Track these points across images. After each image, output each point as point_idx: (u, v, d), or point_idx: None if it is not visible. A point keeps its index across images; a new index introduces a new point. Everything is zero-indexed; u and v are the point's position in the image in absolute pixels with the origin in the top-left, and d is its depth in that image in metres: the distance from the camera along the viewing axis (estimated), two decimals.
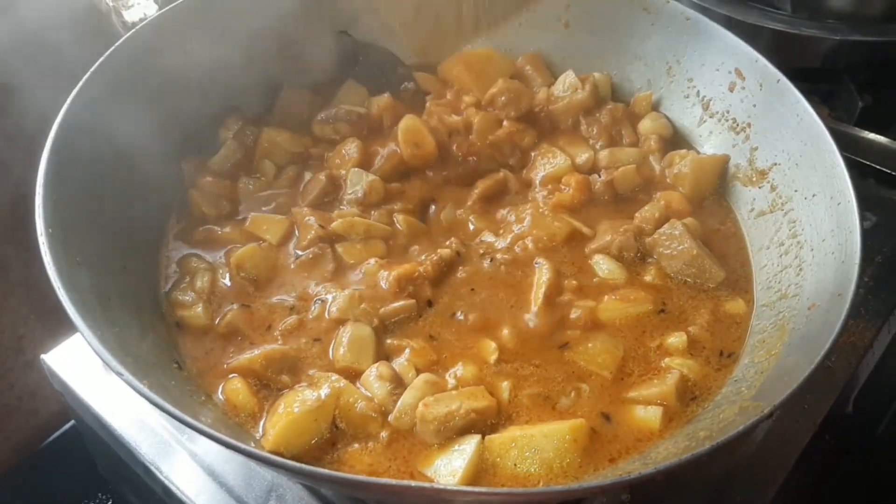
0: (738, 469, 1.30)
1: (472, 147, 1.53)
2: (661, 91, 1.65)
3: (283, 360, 1.21)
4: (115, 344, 1.04)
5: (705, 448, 0.95)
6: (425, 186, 1.50)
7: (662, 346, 1.27)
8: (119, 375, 0.97)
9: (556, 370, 1.23)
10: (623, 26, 1.65)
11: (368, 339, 1.24)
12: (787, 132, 1.41)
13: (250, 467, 1.27)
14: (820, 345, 1.05)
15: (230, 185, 1.47)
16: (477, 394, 1.16)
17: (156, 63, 1.42)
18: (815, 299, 1.20)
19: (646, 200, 1.48)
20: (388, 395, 1.16)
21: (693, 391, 1.22)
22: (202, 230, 1.40)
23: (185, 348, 1.25)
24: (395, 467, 1.11)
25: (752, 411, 1.03)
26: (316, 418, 1.12)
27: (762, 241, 1.42)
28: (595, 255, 1.38)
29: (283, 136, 1.54)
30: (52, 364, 1.42)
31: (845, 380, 1.41)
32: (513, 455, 1.09)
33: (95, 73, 1.32)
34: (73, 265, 1.11)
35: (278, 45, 1.61)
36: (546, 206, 1.45)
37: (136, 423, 1.33)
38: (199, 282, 1.31)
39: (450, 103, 1.61)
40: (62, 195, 1.17)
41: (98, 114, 1.30)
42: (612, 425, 1.17)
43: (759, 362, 1.20)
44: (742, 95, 1.51)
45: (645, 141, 1.59)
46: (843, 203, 1.24)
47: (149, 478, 1.31)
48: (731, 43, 1.51)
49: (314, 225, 1.37)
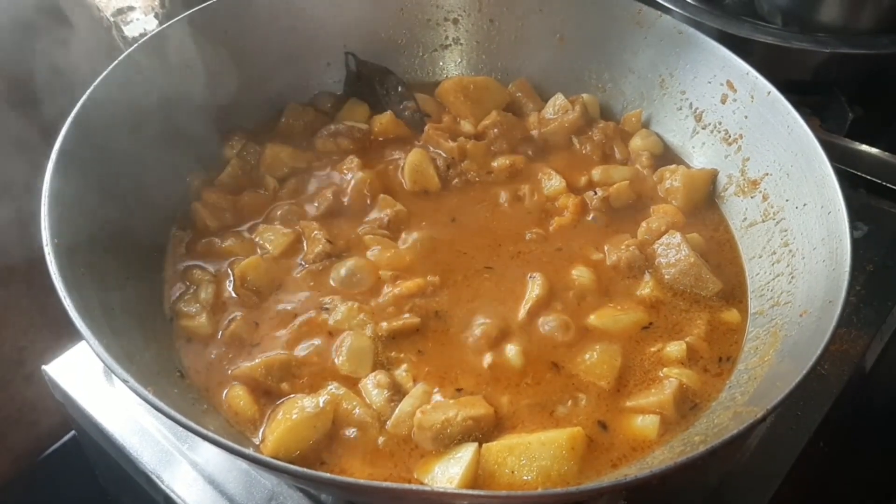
0: (733, 476, 1.31)
1: (467, 175, 1.57)
2: (655, 103, 1.67)
3: (284, 369, 1.22)
4: (120, 353, 1.05)
5: (699, 451, 0.97)
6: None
7: (660, 355, 1.28)
8: (125, 382, 0.98)
9: (554, 380, 1.24)
10: (616, 40, 1.68)
11: (367, 349, 1.25)
12: (778, 143, 1.43)
13: (251, 475, 1.28)
14: (812, 351, 1.07)
15: (234, 198, 1.49)
16: (474, 402, 1.18)
17: (158, 78, 1.44)
18: (806, 306, 1.22)
19: (641, 215, 1.50)
20: (387, 402, 1.18)
21: (693, 399, 1.23)
22: (205, 242, 1.42)
23: (188, 357, 1.26)
24: (394, 474, 1.12)
25: (746, 416, 1.05)
26: (315, 425, 1.14)
27: (755, 250, 1.44)
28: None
29: (285, 151, 1.57)
30: (54, 375, 1.43)
31: (839, 387, 1.43)
32: (510, 462, 1.10)
33: (98, 88, 1.33)
34: (78, 276, 1.12)
35: (283, 62, 1.64)
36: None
37: (137, 433, 1.34)
38: (204, 293, 1.33)
39: (448, 127, 1.65)
40: (67, 207, 1.19)
41: (101, 127, 1.32)
42: (608, 434, 1.18)
43: (753, 368, 1.22)
44: (734, 107, 1.53)
45: (637, 158, 1.62)
46: (833, 212, 1.26)
47: (150, 487, 1.31)
48: (722, 56, 1.54)
49: (322, 239, 1.39)
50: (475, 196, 1.54)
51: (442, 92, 1.72)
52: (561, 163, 1.61)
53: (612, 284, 1.39)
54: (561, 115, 1.67)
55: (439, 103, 1.72)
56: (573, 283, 1.38)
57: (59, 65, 1.54)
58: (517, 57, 1.76)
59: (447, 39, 1.78)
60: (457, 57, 1.79)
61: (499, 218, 1.50)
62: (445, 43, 1.78)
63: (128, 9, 2.06)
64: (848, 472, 1.56)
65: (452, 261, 1.41)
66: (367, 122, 1.65)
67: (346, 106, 1.69)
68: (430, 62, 1.79)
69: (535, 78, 1.76)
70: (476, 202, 1.53)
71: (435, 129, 1.63)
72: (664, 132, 1.67)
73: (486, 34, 1.76)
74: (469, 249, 1.43)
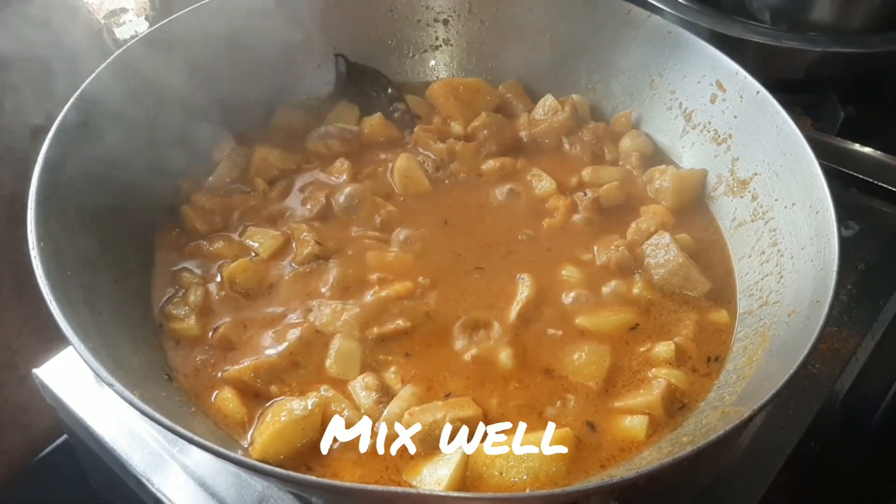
0: (724, 476, 1.31)
1: (457, 176, 1.57)
2: (644, 103, 1.68)
3: (272, 371, 1.22)
4: (107, 356, 1.05)
5: (686, 452, 0.97)
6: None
7: (649, 356, 1.28)
8: (110, 386, 0.98)
9: (543, 381, 1.24)
10: (606, 41, 1.68)
11: (356, 351, 1.25)
12: (767, 143, 1.43)
13: (241, 478, 1.28)
14: (800, 350, 1.07)
15: (223, 201, 1.49)
16: (463, 404, 1.18)
17: (147, 80, 1.44)
18: (794, 306, 1.22)
19: (630, 216, 1.50)
20: (375, 404, 1.18)
21: (682, 400, 1.23)
22: (193, 245, 1.42)
23: (176, 360, 1.26)
24: (384, 476, 1.12)
25: (733, 416, 1.05)
26: (303, 427, 1.13)
27: (744, 249, 1.44)
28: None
29: (274, 154, 1.57)
30: (45, 378, 1.43)
31: (829, 387, 1.43)
32: (498, 464, 1.10)
33: (87, 90, 1.33)
34: (65, 279, 1.12)
35: (273, 64, 1.64)
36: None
37: (127, 436, 1.34)
38: (193, 295, 1.33)
39: (437, 129, 1.65)
40: (53, 210, 1.19)
41: (90, 130, 1.32)
42: (597, 434, 1.19)
43: (741, 368, 1.22)
44: (723, 107, 1.53)
45: (626, 158, 1.62)
46: (821, 212, 1.27)
47: (141, 490, 1.31)
48: (711, 56, 1.54)
49: (311, 241, 1.39)
50: (465, 198, 1.54)
51: (432, 93, 1.72)
52: (551, 164, 1.61)
53: (601, 285, 1.39)
54: (551, 115, 1.67)
55: (429, 105, 1.72)
56: (563, 284, 1.38)
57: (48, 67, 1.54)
58: (507, 58, 1.76)
59: (437, 40, 1.78)
60: (447, 58, 1.80)
61: (489, 219, 1.50)
62: (435, 44, 1.78)
63: (120, 10, 2.06)
64: (840, 472, 1.56)
65: (443, 262, 1.41)
66: (358, 124, 1.65)
67: (337, 108, 1.69)
68: (420, 63, 1.79)
69: (525, 79, 1.76)
70: (466, 204, 1.53)
71: (425, 130, 1.63)
72: (654, 132, 1.67)
73: (476, 35, 1.77)
74: (460, 251, 1.43)
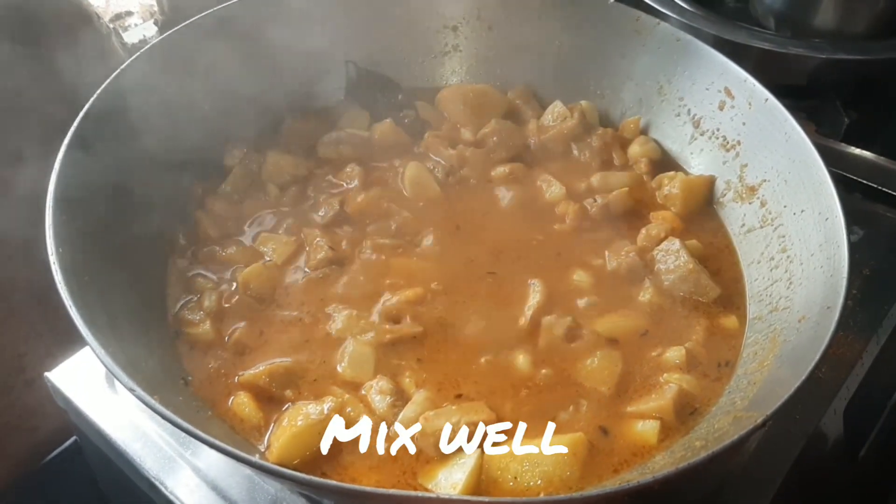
0: (731, 479, 1.32)
1: (467, 182, 1.58)
2: (653, 110, 1.69)
3: (287, 376, 1.23)
4: (125, 361, 1.05)
5: (701, 457, 0.98)
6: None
7: (660, 361, 1.29)
8: (131, 391, 0.99)
9: (556, 386, 1.25)
10: (615, 48, 1.69)
11: (369, 356, 1.26)
12: (775, 149, 1.44)
13: (254, 481, 1.28)
14: (810, 356, 1.08)
15: (236, 207, 1.50)
16: (477, 408, 1.19)
17: (160, 87, 1.45)
18: (804, 312, 1.23)
19: (640, 221, 1.51)
20: (390, 408, 1.19)
21: (693, 404, 1.24)
22: (207, 250, 1.43)
23: (192, 365, 1.27)
24: (401, 480, 1.13)
25: (746, 421, 1.06)
26: (319, 432, 1.14)
27: (753, 255, 1.45)
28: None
29: (286, 160, 1.58)
30: (56, 381, 1.43)
31: (835, 391, 1.44)
32: (513, 468, 1.11)
33: (100, 98, 1.34)
34: (83, 284, 1.13)
35: (284, 71, 1.66)
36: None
37: (139, 439, 1.34)
38: (207, 300, 1.33)
39: (447, 135, 1.66)
40: (70, 215, 1.19)
41: (104, 136, 1.32)
42: (609, 439, 1.19)
43: (752, 373, 1.23)
44: (732, 114, 1.54)
45: (636, 164, 1.63)
46: (830, 218, 1.27)
47: (153, 493, 1.32)
48: (720, 63, 1.55)
49: (324, 246, 1.40)
50: (476, 203, 1.55)
51: (441, 99, 1.73)
52: (560, 170, 1.62)
53: (612, 290, 1.40)
54: (560, 122, 1.68)
55: (439, 111, 1.73)
56: (574, 289, 1.39)
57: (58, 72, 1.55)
58: (516, 64, 1.77)
59: (446, 47, 1.79)
60: (456, 65, 1.80)
61: (499, 225, 1.51)
62: (445, 50, 1.79)
63: (126, 14, 2.07)
64: (846, 476, 1.58)
65: (456, 268, 1.42)
66: (368, 130, 1.66)
67: (347, 114, 1.69)
68: (430, 70, 1.80)
69: (533, 85, 1.77)
70: (477, 209, 1.54)
71: (434, 136, 1.64)
72: (662, 139, 1.68)
73: (486, 42, 1.77)
74: (472, 256, 1.44)
